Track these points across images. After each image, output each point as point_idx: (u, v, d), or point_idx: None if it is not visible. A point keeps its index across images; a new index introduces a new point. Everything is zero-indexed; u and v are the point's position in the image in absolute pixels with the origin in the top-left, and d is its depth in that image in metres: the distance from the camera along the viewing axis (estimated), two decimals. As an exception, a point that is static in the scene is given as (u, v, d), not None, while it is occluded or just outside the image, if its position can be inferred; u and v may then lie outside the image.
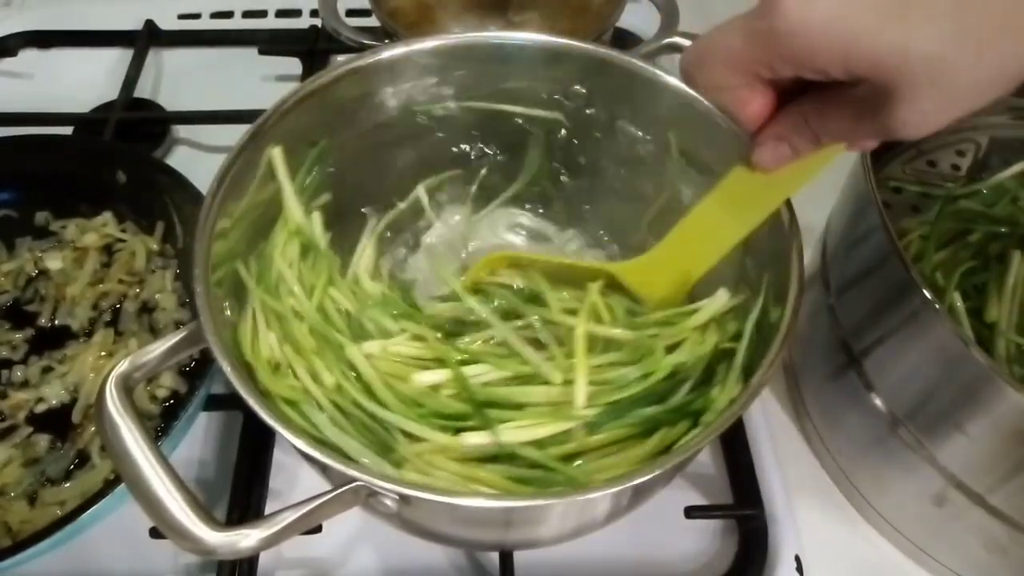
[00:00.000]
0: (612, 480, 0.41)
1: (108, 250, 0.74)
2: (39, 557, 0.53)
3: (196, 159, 0.86)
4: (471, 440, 0.47)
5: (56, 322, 0.70)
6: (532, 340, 0.54)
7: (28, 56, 0.98)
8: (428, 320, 0.56)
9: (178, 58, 0.98)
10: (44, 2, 1.04)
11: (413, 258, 0.68)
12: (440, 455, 0.47)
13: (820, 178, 0.61)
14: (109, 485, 0.54)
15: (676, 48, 0.76)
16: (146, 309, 0.71)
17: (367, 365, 0.51)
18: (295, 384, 0.50)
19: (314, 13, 0.98)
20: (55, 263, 0.72)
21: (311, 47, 0.94)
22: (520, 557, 0.57)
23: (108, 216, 0.76)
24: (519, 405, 0.50)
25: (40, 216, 0.76)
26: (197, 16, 1.02)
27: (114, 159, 0.76)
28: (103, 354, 0.67)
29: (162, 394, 0.65)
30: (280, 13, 1.02)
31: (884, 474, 0.59)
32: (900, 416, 0.54)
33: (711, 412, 0.48)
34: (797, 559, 0.58)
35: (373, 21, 0.82)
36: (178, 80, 0.96)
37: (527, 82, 0.61)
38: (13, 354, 0.68)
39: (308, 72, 0.92)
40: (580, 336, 0.52)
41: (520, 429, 0.48)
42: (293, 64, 0.94)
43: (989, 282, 0.59)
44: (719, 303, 0.54)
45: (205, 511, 0.40)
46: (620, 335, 0.53)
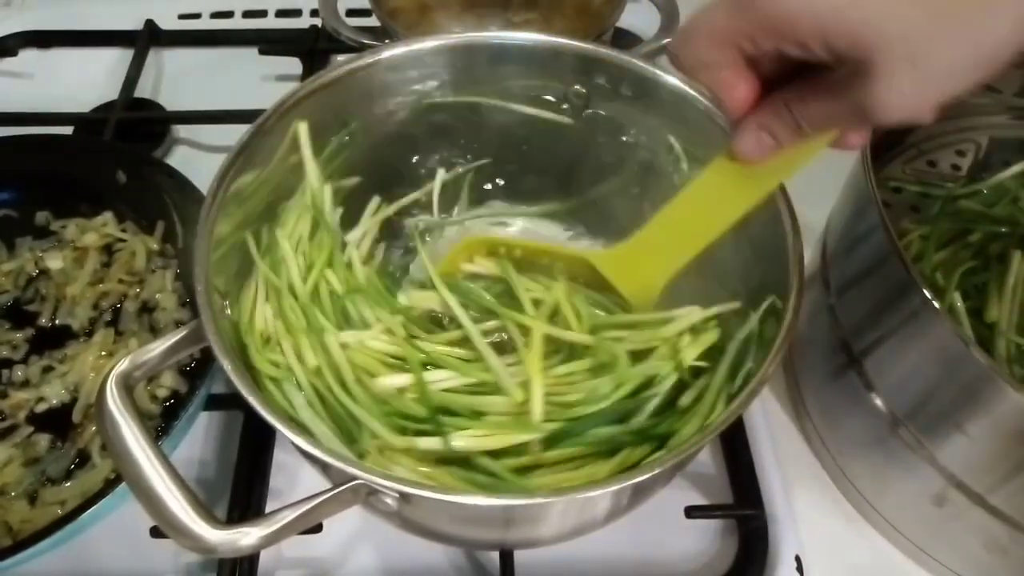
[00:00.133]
0: (611, 479, 0.41)
1: (108, 250, 0.74)
2: (39, 557, 0.53)
3: (196, 159, 0.86)
4: (424, 444, 0.47)
5: (56, 322, 0.70)
6: (505, 341, 0.54)
7: (28, 56, 0.98)
8: (405, 312, 0.56)
9: (178, 58, 0.98)
10: (44, 2, 1.04)
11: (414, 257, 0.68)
12: (400, 452, 0.47)
13: (820, 178, 0.61)
14: (109, 484, 0.54)
15: (676, 48, 0.76)
16: (146, 309, 0.70)
17: (341, 355, 0.51)
18: (280, 361, 0.50)
19: (314, 13, 0.98)
20: (55, 263, 0.72)
21: (311, 47, 0.94)
22: (520, 556, 0.57)
23: (108, 216, 0.76)
24: (479, 413, 0.50)
25: (40, 216, 0.77)
26: (197, 16, 1.02)
27: (114, 159, 0.76)
28: (103, 354, 0.67)
29: (162, 394, 0.65)
30: (280, 13, 1.02)
31: (884, 474, 0.59)
32: (900, 416, 0.54)
33: (677, 437, 0.47)
34: (797, 559, 0.58)
35: (373, 21, 0.82)
36: (178, 80, 0.96)
37: (527, 82, 0.61)
38: (13, 354, 0.68)
39: (308, 72, 0.92)
40: (537, 342, 0.51)
41: (474, 438, 0.48)
42: (293, 64, 0.94)
43: (989, 282, 0.59)
44: (696, 316, 0.53)
45: (206, 509, 0.40)
46: (580, 339, 0.53)
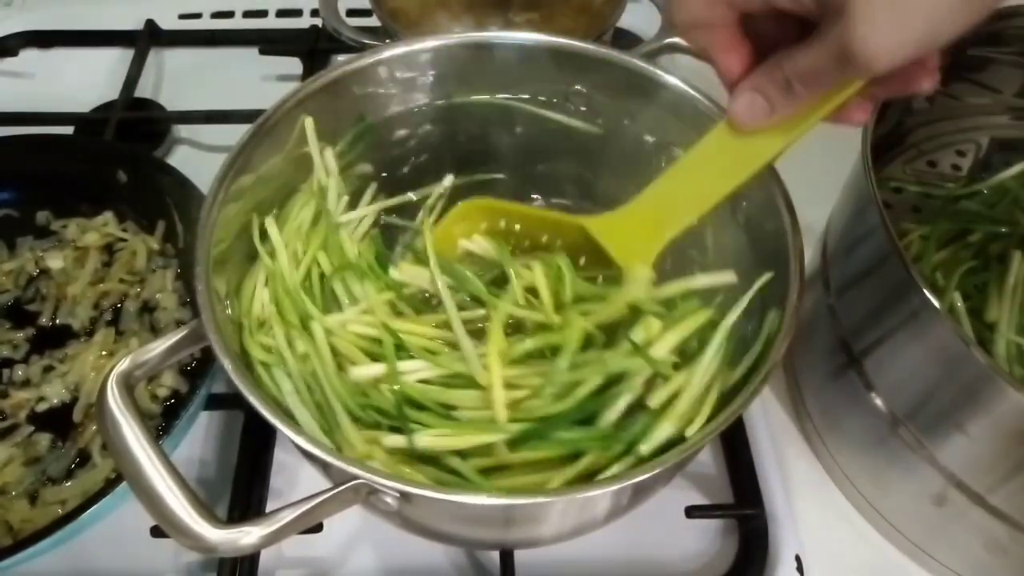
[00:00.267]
0: (610, 479, 0.41)
1: (109, 249, 0.74)
2: (40, 556, 0.53)
3: (197, 159, 0.86)
4: (389, 441, 0.47)
5: (57, 321, 0.70)
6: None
7: (29, 56, 0.99)
8: (397, 288, 0.55)
9: (179, 58, 0.98)
10: (45, 2, 1.04)
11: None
12: (372, 446, 0.47)
13: (820, 178, 0.61)
14: (110, 484, 0.54)
15: (676, 48, 0.76)
16: (147, 308, 0.71)
17: (324, 342, 0.51)
18: (271, 345, 0.50)
19: (315, 13, 0.98)
20: (56, 262, 0.72)
21: (312, 47, 0.94)
22: (520, 556, 0.57)
23: (109, 216, 0.76)
24: (448, 407, 0.49)
25: (41, 216, 0.77)
26: (198, 16, 1.02)
27: (115, 159, 0.76)
28: (104, 353, 0.67)
29: (163, 393, 0.65)
30: (281, 13, 1.02)
31: (884, 474, 0.59)
32: (900, 416, 0.54)
33: (648, 442, 0.45)
34: (797, 559, 0.58)
35: (374, 21, 0.83)
36: (179, 80, 0.96)
37: (527, 82, 0.61)
38: (14, 353, 0.68)
39: (309, 72, 0.92)
40: (496, 326, 0.50)
41: (439, 437, 0.47)
42: (294, 64, 0.94)
43: (989, 282, 0.60)
44: (676, 288, 0.52)
45: (206, 508, 0.40)
46: (541, 318, 0.51)
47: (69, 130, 0.86)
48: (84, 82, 0.94)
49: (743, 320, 0.50)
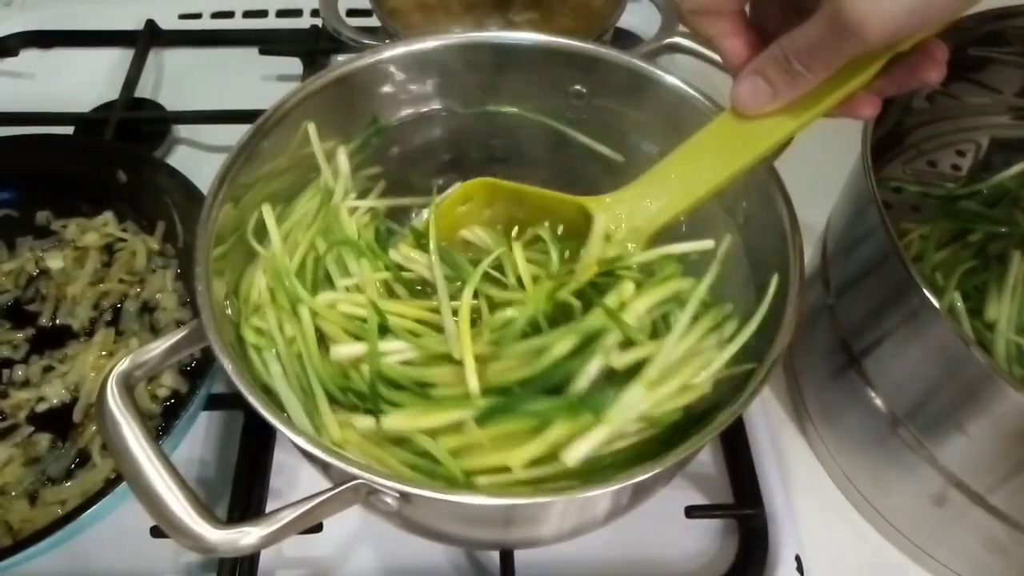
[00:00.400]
0: (610, 479, 0.41)
1: (109, 250, 0.74)
2: (40, 556, 0.53)
3: (197, 159, 0.86)
4: (360, 423, 0.47)
5: (57, 321, 0.70)
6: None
7: (29, 56, 0.99)
8: (395, 271, 0.55)
9: (179, 58, 0.98)
10: (45, 2, 1.04)
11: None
12: (346, 429, 0.47)
13: (820, 178, 0.61)
14: (110, 484, 0.54)
15: (676, 48, 0.76)
16: (147, 309, 0.71)
17: (310, 324, 0.51)
18: (263, 328, 0.51)
19: (315, 13, 0.99)
20: (56, 262, 0.73)
21: (312, 47, 0.95)
22: (521, 556, 0.57)
23: (109, 216, 0.76)
24: (425, 385, 0.49)
25: (41, 216, 0.77)
26: (198, 16, 1.02)
27: (115, 159, 0.76)
28: (104, 353, 0.67)
29: (163, 393, 0.65)
30: (281, 13, 1.02)
31: (884, 474, 0.59)
32: (900, 416, 0.54)
33: (615, 407, 0.44)
34: (797, 559, 0.58)
35: (374, 21, 0.83)
36: (179, 80, 0.96)
37: (527, 82, 0.61)
38: (14, 353, 0.68)
39: (309, 72, 0.92)
40: (465, 302, 0.50)
41: (408, 417, 0.47)
42: (294, 64, 0.94)
43: (989, 282, 0.59)
44: (652, 253, 0.52)
45: (206, 509, 0.40)
46: (514, 297, 0.51)
47: (69, 130, 0.86)
48: (84, 82, 0.94)
49: (742, 321, 0.50)
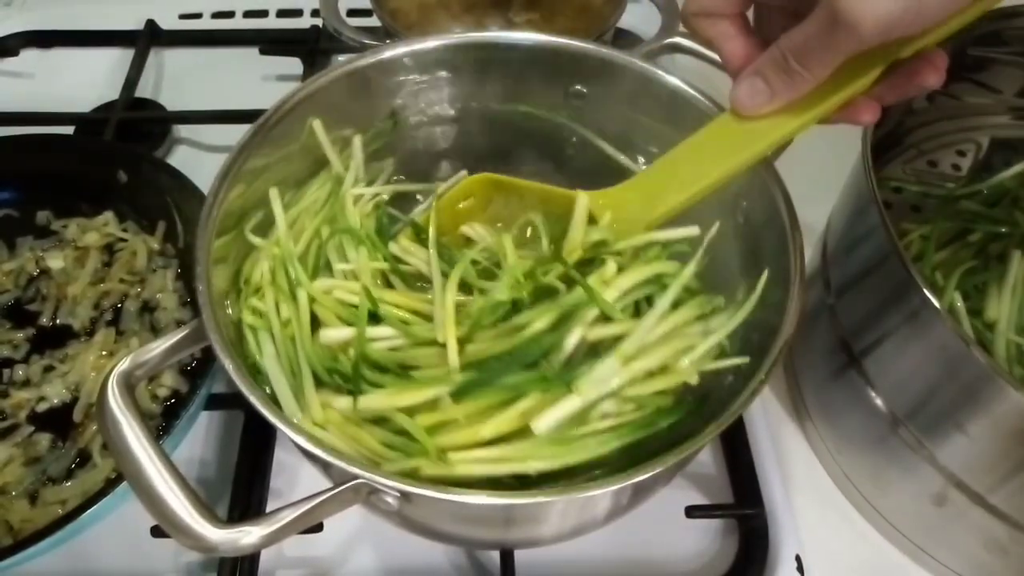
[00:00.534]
0: (609, 479, 0.41)
1: (109, 249, 0.74)
2: (40, 556, 0.53)
3: (197, 159, 0.86)
4: (339, 404, 0.47)
5: (57, 321, 0.70)
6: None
7: (29, 56, 0.99)
8: (393, 263, 0.56)
9: (179, 58, 0.98)
10: (45, 2, 1.04)
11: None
12: (328, 410, 0.48)
13: (820, 178, 0.62)
14: (110, 484, 0.54)
15: (677, 48, 0.76)
16: (147, 308, 0.71)
17: (306, 307, 0.52)
18: (261, 308, 0.51)
19: (315, 13, 0.99)
20: (56, 262, 0.73)
21: (312, 47, 0.95)
22: (521, 556, 0.57)
23: (109, 215, 0.76)
24: (408, 367, 0.49)
25: (41, 215, 0.77)
26: (198, 16, 1.02)
27: (115, 159, 0.76)
28: (104, 353, 0.67)
29: (163, 393, 0.65)
30: (281, 13, 1.02)
31: (884, 474, 0.59)
32: (900, 416, 0.54)
33: (587, 377, 0.45)
34: (798, 559, 0.58)
35: (374, 21, 0.83)
36: (179, 80, 0.96)
37: (527, 82, 0.61)
38: (14, 353, 0.68)
39: (309, 72, 0.92)
40: (452, 284, 0.51)
41: (385, 396, 0.47)
42: (294, 64, 0.94)
43: (989, 282, 0.60)
44: (638, 240, 0.53)
45: (207, 508, 0.40)
46: (496, 286, 0.52)
47: (69, 130, 0.86)
48: (84, 82, 0.94)
49: (740, 320, 0.50)
